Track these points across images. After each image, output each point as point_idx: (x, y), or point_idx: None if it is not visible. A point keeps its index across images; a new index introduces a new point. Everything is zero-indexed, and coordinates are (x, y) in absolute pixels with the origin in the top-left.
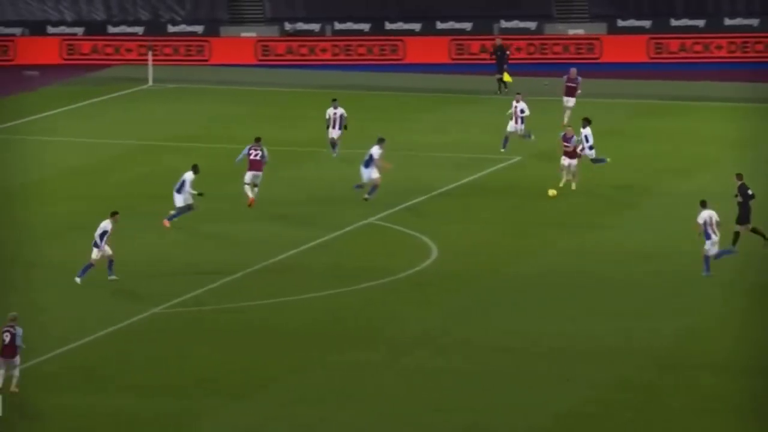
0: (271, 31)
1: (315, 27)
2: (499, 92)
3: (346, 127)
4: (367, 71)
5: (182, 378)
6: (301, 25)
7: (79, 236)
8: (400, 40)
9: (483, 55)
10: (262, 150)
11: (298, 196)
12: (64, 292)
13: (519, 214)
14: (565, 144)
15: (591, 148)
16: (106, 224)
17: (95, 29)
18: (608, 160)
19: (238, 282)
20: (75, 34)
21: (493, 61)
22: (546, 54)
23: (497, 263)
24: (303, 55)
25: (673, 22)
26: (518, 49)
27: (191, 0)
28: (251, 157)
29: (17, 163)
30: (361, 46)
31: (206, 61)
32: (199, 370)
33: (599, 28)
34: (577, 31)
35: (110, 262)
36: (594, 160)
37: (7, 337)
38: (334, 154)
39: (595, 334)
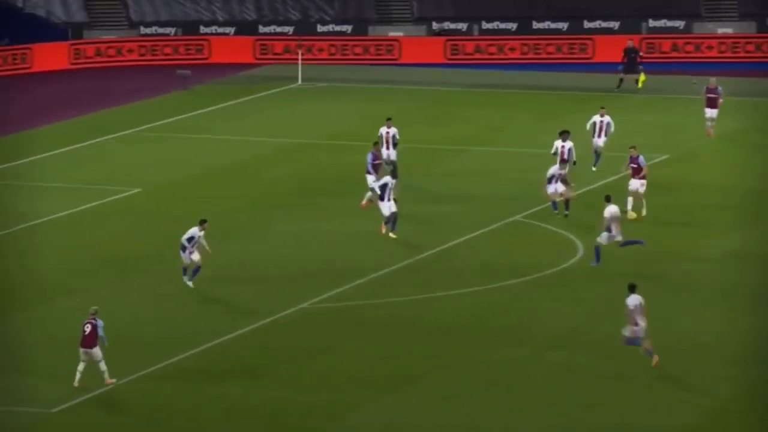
0: (419, 31)
1: (462, 26)
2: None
3: (396, 146)
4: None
5: (330, 371)
6: (448, 25)
7: (228, 235)
8: (545, 39)
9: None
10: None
11: (445, 194)
12: (213, 286)
13: (666, 214)
14: (632, 165)
15: (574, 162)
16: (194, 231)
17: (246, 29)
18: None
19: (385, 278)
20: (226, 34)
21: (624, 62)
22: (694, 53)
23: (643, 262)
24: (454, 54)
25: None
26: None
27: (340, 0)
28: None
29: (169, 160)
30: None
31: (356, 60)
32: (347, 364)
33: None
34: (725, 30)
35: (196, 268)
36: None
37: (87, 328)
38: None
39: (740, 334)
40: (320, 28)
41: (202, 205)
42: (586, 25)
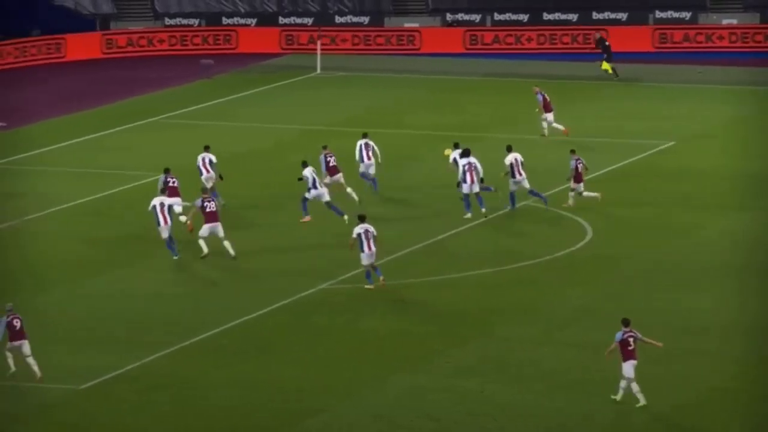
0: (434, 22)
1: (476, 17)
2: (616, 77)
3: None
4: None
5: (348, 350)
6: (462, 16)
7: (253, 217)
8: (557, 30)
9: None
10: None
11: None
12: (236, 267)
13: (673, 197)
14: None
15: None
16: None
17: (267, 21)
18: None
19: (402, 260)
20: (248, 25)
21: (599, 51)
22: (705, 43)
23: (651, 244)
24: (470, 45)
25: None
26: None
27: None
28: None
29: (193, 146)
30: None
31: (378, 50)
32: (366, 342)
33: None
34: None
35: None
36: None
37: (17, 323)
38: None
39: (742, 312)
40: (338, 20)
41: (225, 189)
42: (595, 16)
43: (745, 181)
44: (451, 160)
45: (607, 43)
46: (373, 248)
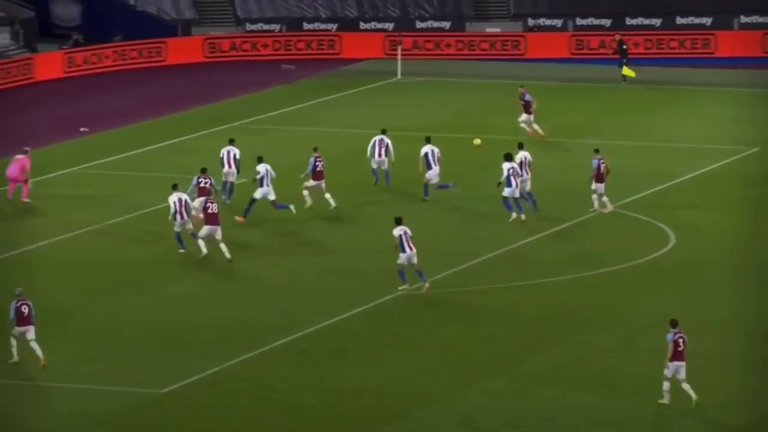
0: (515, 27)
1: (557, 22)
2: (624, 80)
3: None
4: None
5: (427, 356)
6: (543, 21)
7: (329, 223)
8: (639, 35)
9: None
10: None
11: (541, 185)
12: (314, 273)
13: (758, 203)
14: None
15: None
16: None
17: (347, 26)
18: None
19: (481, 266)
20: (329, 30)
21: (617, 57)
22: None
23: (734, 250)
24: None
25: None
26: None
27: None
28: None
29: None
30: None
31: (482, 55)
32: (447, 347)
33: None
34: None
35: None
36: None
37: (25, 309)
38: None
39: None
40: (419, 25)
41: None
42: (679, 21)
43: None
44: (421, 154)
45: (624, 47)
46: (414, 248)
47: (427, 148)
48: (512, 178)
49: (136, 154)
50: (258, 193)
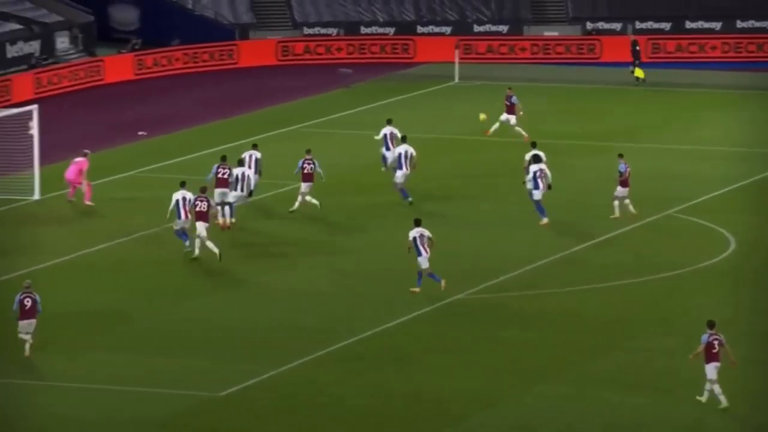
0: (573, 30)
1: (616, 26)
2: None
3: (404, 139)
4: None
5: (489, 359)
6: (602, 25)
7: (385, 227)
8: (701, 39)
9: None
10: (314, 162)
11: (596, 188)
12: (372, 276)
13: None
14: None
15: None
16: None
17: (405, 29)
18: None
19: (539, 270)
20: (386, 34)
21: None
22: None
23: None
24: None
25: None
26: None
27: (496, 0)
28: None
29: (331, 154)
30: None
31: (559, 59)
32: (503, 352)
33: None
34: None
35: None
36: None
37: (28, 302)
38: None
39: None
40: (476, 28)
41: (364, 197)
42: (739, 24)
43: None
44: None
45: (637, 48)
46: (429, 251)
47: (401, 149)
48: (539, 180)
49: (197, 157)
50: (231, 197)
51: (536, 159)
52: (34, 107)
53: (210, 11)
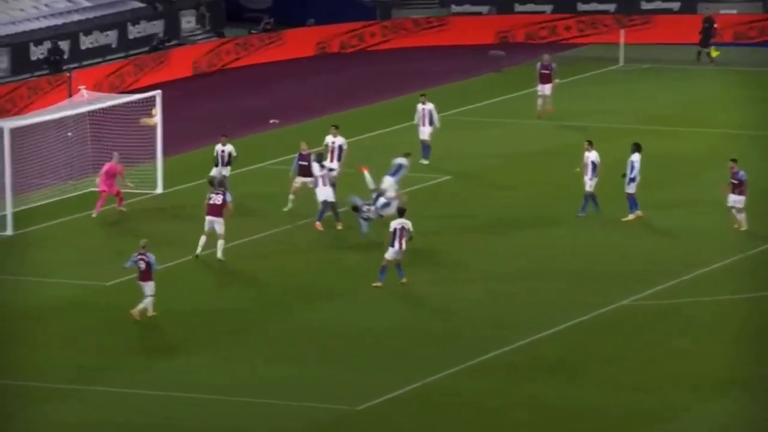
0: (753, 8)
1: None
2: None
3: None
4: None
5: (652, 372)
6: None
7: (538, 226)
8: None
9: None
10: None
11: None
12: (525, 281)
13: None
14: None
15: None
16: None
17: (564, 7)
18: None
19: (713, 275)
20: (544, 12)
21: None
22: None
23: None
24: None
25: None
26: None
27: None
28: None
29: (479, 145)
30: None
31: (680, 39)
32: (675, 364)
33: None
34: None
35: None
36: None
37: (142, 265)
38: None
39: None
40: (644, 6)
41: (509, 192)
42: None
43: None
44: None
45: (715, 26)
46: (404, 246)
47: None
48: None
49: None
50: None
51: (637, 148)
52: (158, 92)
53: None
